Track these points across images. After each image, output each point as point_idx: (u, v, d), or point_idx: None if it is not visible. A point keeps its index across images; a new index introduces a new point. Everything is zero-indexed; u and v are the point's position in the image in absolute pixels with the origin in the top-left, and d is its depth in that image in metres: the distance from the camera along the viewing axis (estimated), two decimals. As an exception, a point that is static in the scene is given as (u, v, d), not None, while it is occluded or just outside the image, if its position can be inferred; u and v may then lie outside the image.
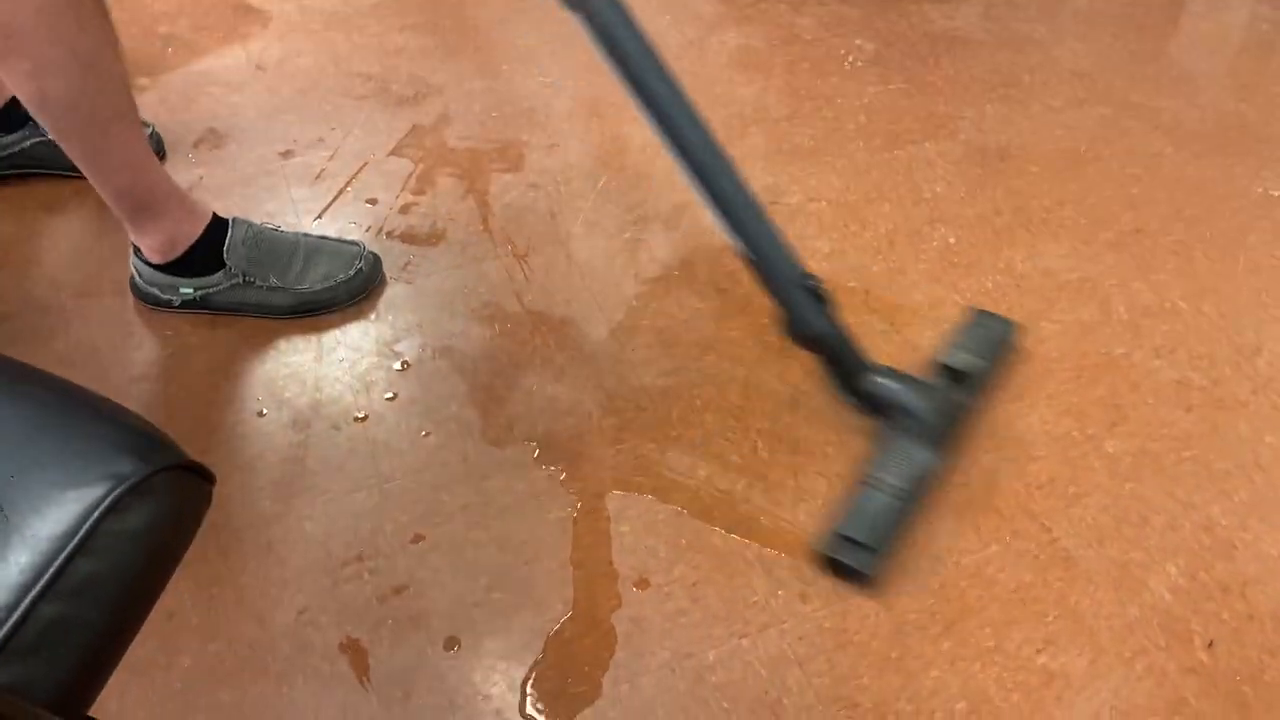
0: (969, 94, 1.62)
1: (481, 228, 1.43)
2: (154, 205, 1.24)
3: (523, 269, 1.37)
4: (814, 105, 1.61)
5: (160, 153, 1.54)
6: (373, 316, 1.31)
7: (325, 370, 1.25)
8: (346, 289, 1.31)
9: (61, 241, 1.40)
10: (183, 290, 1.29)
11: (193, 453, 1.18)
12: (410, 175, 1.51)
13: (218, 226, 1.28)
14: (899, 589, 1.03)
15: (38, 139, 1.44)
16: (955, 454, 1.14)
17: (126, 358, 1.27)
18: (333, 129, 1.59)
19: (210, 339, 1.29)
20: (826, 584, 1.04)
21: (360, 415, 1.20)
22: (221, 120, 1.60)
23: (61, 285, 1.35)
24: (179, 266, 1.28)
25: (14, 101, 1.42)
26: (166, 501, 0.55)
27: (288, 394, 1.22)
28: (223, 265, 1.28)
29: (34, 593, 0.49)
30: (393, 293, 1.34)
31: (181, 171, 1.52)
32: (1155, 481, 1.12)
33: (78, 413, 0.57)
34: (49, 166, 1.47)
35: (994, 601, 1.03)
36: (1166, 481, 1.12)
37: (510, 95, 1.64)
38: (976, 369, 1.19)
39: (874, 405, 1.14)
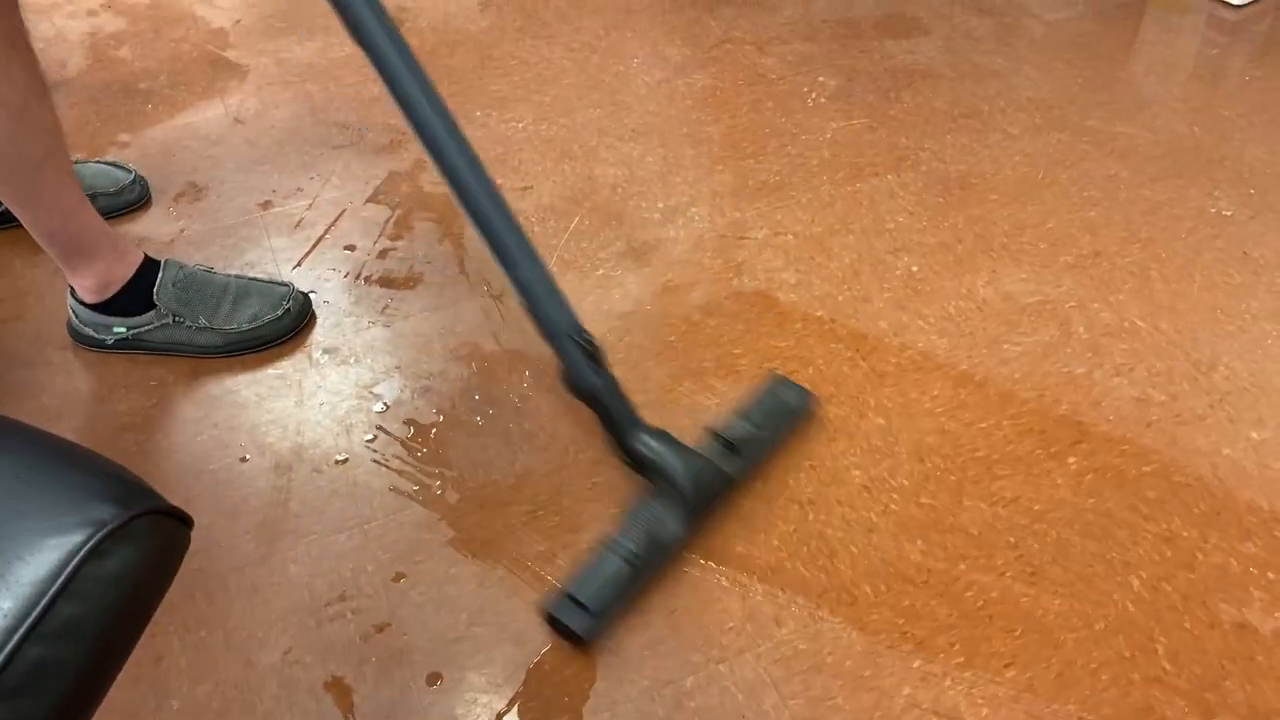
0: (930, 125, 1.67)
1: (458, 270, 1.46)
2: (86, 247, 1.28)
3: (499, 309, 1.40)
4: (779, 142, 1.65)
5: (146, 198, 1.58)
6: (352, 360, 1.34)
7: (306, 414, 1.28)
8: (274, 328, 1.35)
9: (45, 296, 1.43)
10: (115, 329, 1.33)
11: (178, 499, 1.21)
12: (387, 221, 1.54)
13: (149, 268, 1.33)
14: (869, 609, 1.06)
15: None
16: (705, 527, 1.12)
17: (112, 409, 1.29)
18: (311, 178, 1.62)
19: (193, 388, 1.31)
20: (800, 608, 1.06)
21: (341, 458, 1.23)
22: (201, 173, 1.64)
23: (46, 340, 1.38)
24: (112, 306, 1.32)
25: None
26: (146, 545, 0.58)
27: (270, 439, 1.25)
28: (154, 305, 1.32)
29: (18, 636, 0.52)
30: (371, 336, 1.37)
31: (162, 224, 1.55)
32: (1117, 496, 1.15)
33: (58, 462, 0.60)
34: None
35: (963, 619, 1.05)
36: (1128, 496, 1.15)
37: (484, 140, 1.68)
38: (752, 440, 1.17)
39: (639, 465, 1.12)
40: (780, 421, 1.21)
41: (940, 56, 1.82)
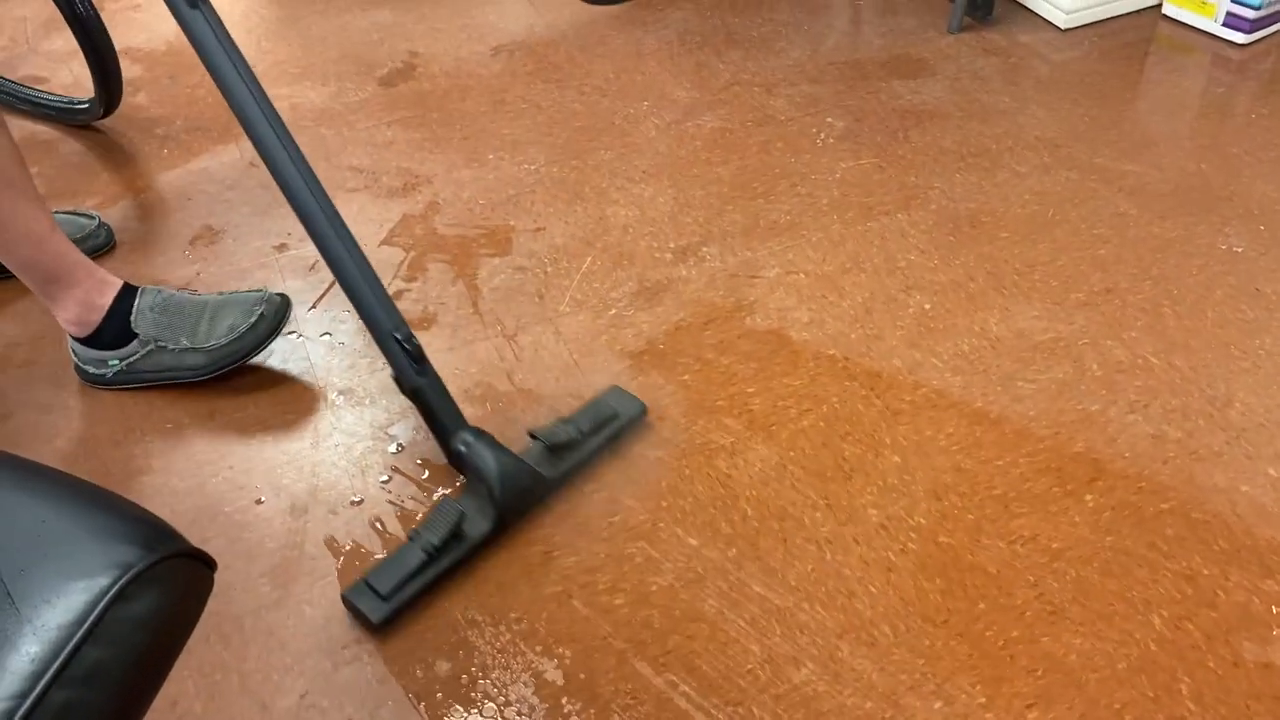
0: (938, 165, 1.68)
1: (471, 310, 1.47)
2: (62, 276, 1.28)
3: (512, 348, 1.41)
4: (789, 182, 1.66)
5: (111, 243, 1.58)
6: (367, 401, 1.34)
7: (322, 456, 1.28)
8: (252, 336, 1.34)
9: (62, 341, 1.44)
10: (110, 363, 1.33)
11: (194, 542, 1.21)
12: (401, 263, 1.55)
13: (127, 294, 1.32)
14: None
15: None
16: (515, 525, 1.17)
17: (127, 452, 1.29)
18: (325, 221, 1.63)
19: (208, 431, 1.32)
20: (818, 649, 1.05)
21: (356, 499, 1.23)
22: (217, 216, 1.66)
23: (61, 384, 1.39)
24: (101, 340, 1.32)
25: None
26: (171, 588, 0.58)
27: (285, 481, 1.25)
28: (134, 335, 1.32)
29: (45, 680, 0.52)
30: (386, 377, 1.38)
31: (179, 267, 1.56)
32: (1136, 534, 1.15)
33: (84, 506, 0.60)
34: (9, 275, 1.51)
35: (984, 659, 1.04)
36: (1147, 533, 1.15)
37: (496, 182, 1.70)
38: (573, 445, 1.21)
39: (458, 463, 1.17)
40: (605, 428, 1.24)
41: (947, 96, 1.84)
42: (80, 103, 1.82)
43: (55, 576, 0.55)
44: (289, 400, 1.35)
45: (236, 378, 1.38)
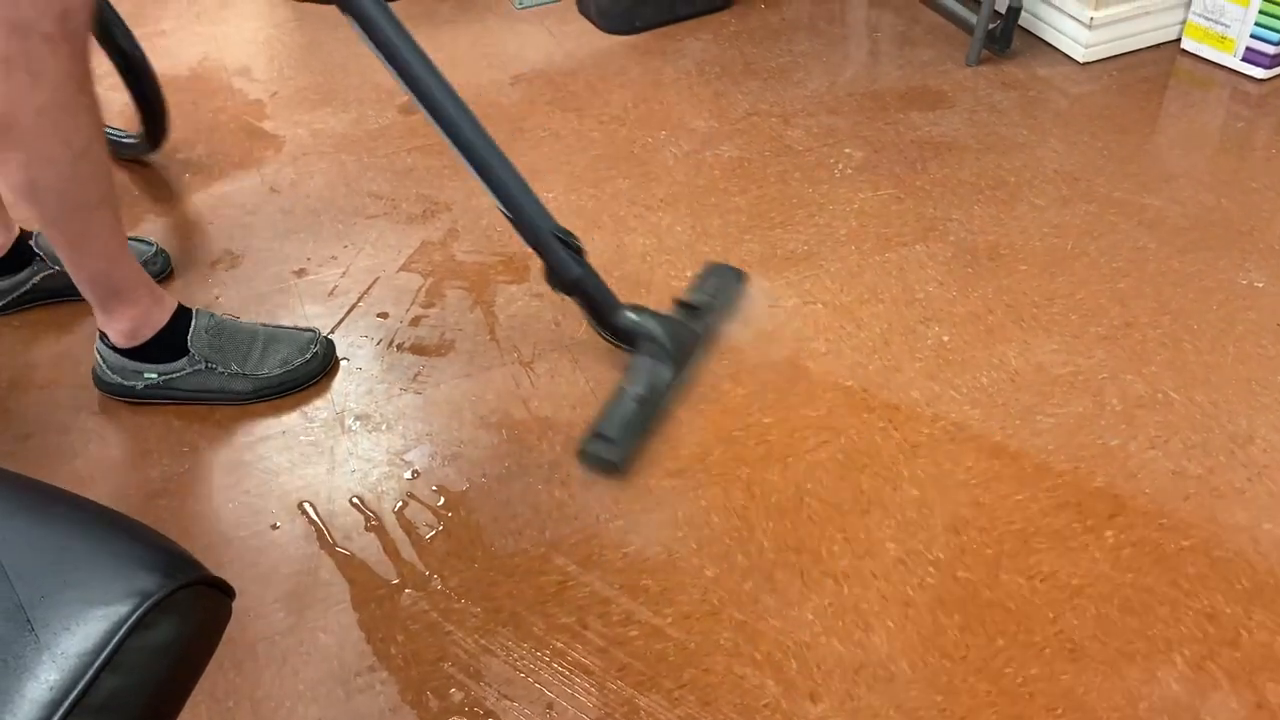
0: (956, 196, 1.68)
1: (488, 337, 1.47)
2: (125, 291, 1.30)
3: (529, 376, 1.41)
4: (806, 212, 1.66)
5: (168, 270, 1.60)
6: (384, 427, 1.35)
7: (338, 481, 1.28)
8: (304, 371, 1.39)
9: (82, 362, 1.45)
10: (146, 375, 1.35)
11: (209, 567, 1.21)
12: (420, 289, 1.56)
13: (183, 315, 1.35)
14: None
15: (46, 273, 1.50)
16: (691, 371, 1.34)
17: (144, 475, 1.30)
18: (345, 247, 1.64)
19: (225, 454, 1.32)
20: (836, 684, 1.04)
21: (372, 525, 1.23)
22: (237, 241, 1.67)
23: (80, 405, 1.39)
24: (143, 352, 1.33)
25: (17, 242, 1.48)
26: (190, 616, 0.58)
27: (301, 506, 1.25)
28: (185, 352, 1.34)
29: (63, 709, 0.52)
30: (403, 403, 1.38)
31: (198, 291, 1.57)
32: (1157, 571, 1.13)
33: (103, 532, 0.60)
34: (60, 296, 1.52)
35: (1002, 696, 1.03)
36: (1168, 571, 1.13)
37: (514, 209, 1.70)
38: (709, 304, 1.40)
39: (626, 337, 1.32)
40: (725, 290, 1.44)
41: (965, 129, 1.84)
42: (128, 136, 1.82)
43: (75, 604, 0.55)
44: (306, 425, 1.36)
45: (254, 401, 1.38)
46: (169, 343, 1.34)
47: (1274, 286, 1.49)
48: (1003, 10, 1.97)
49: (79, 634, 0.54)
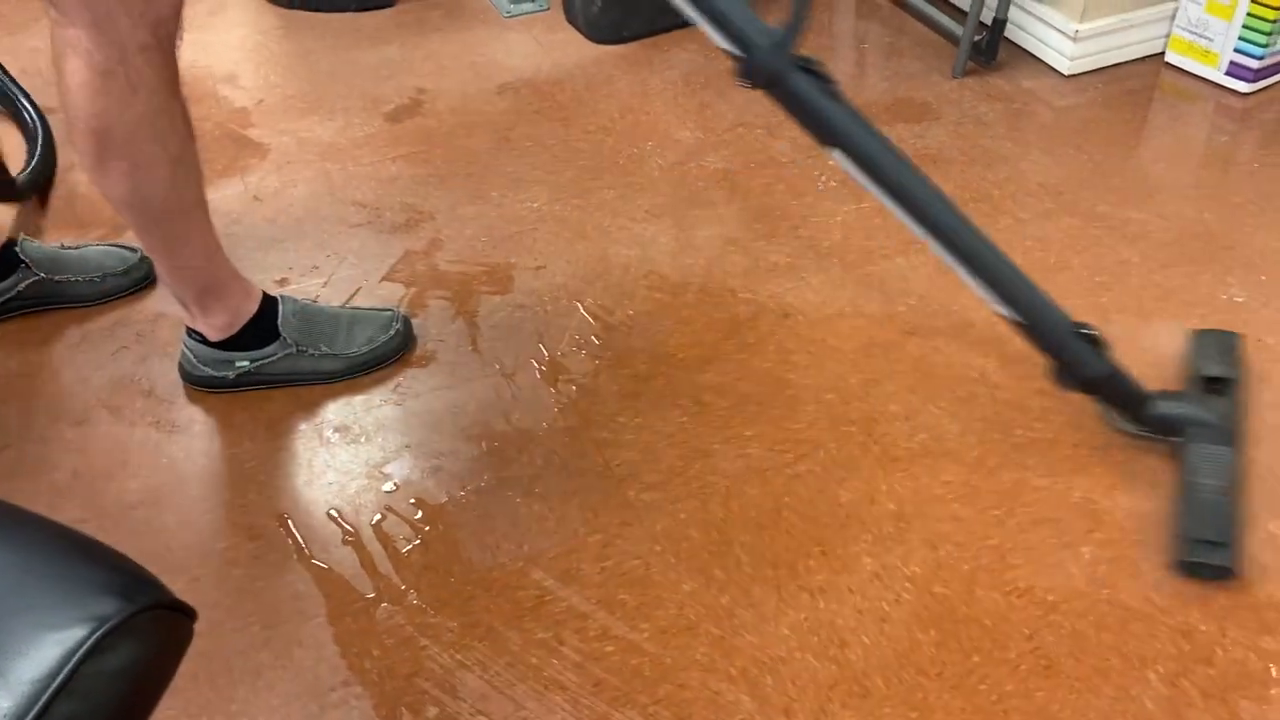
0: (940, 209, 1.68)
1: (470, 348, 1.47)
2: (220, 285, 1.34)
3: (510, 387, 1.41)
4: (790, 224, 1.66)
5: (153, 277, 1.59)
6: (363, 439, 1.34)
7: (316, 494, 1.28)
8: (389, 348, 1.44)
9: (61, 372, 1.45)
10: (238, 364, 1.38)
11: (184, 580, 1.20)
12: (402, 299, 1.56)
13: (269, 302, 1.39)
14: (882, 703, 1.04)
15: (31, 280, 1.49)
16: (1245, 447, 1.27)
17: (121, 486, 1.29)
18: (327, 256, 1.64)
19: (203, 466, 1.32)
20: (810, 700, 1.04)
21: (349, 538, 1.22)
22: (220, 250, 1.66)
23: (59, 415, 1.39)
24: (235, 342, 1.36)
25: (4, 249, 1.48)
26: (147, 641, 0.57)
27: (278, 518, 1.25)
28: (275, 337, 1.38)
29: (16, 735, 0.51)
30: (382, 414, 1.38)
31: (163, 298, 1.56)
32: (1132, 586, 1.14)
33: (62, 554, 0.60)
34: (46, 303, 1.52)
35: (977, 713, 1.03)
36: (1143, 586, 1.14)
37: (499, 220, 1.70)
38: (1230, 374, 1.33)
39: (1166, 426, 1.26)
40: (1233, 358, 1.37)
41: (950, 141, 1.84)
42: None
43: (30, 628, 0.55)
44: (284, 437, 1.35)
45: (235, 413, 1.38)
46: (260, 330, 1.37)
47: (1255, 301, 1.49)
48: (988, 22, 1.98)
49: (33, 659, 0.53)
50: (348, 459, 1.32)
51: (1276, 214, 1.65)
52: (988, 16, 1.97)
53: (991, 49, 2.00)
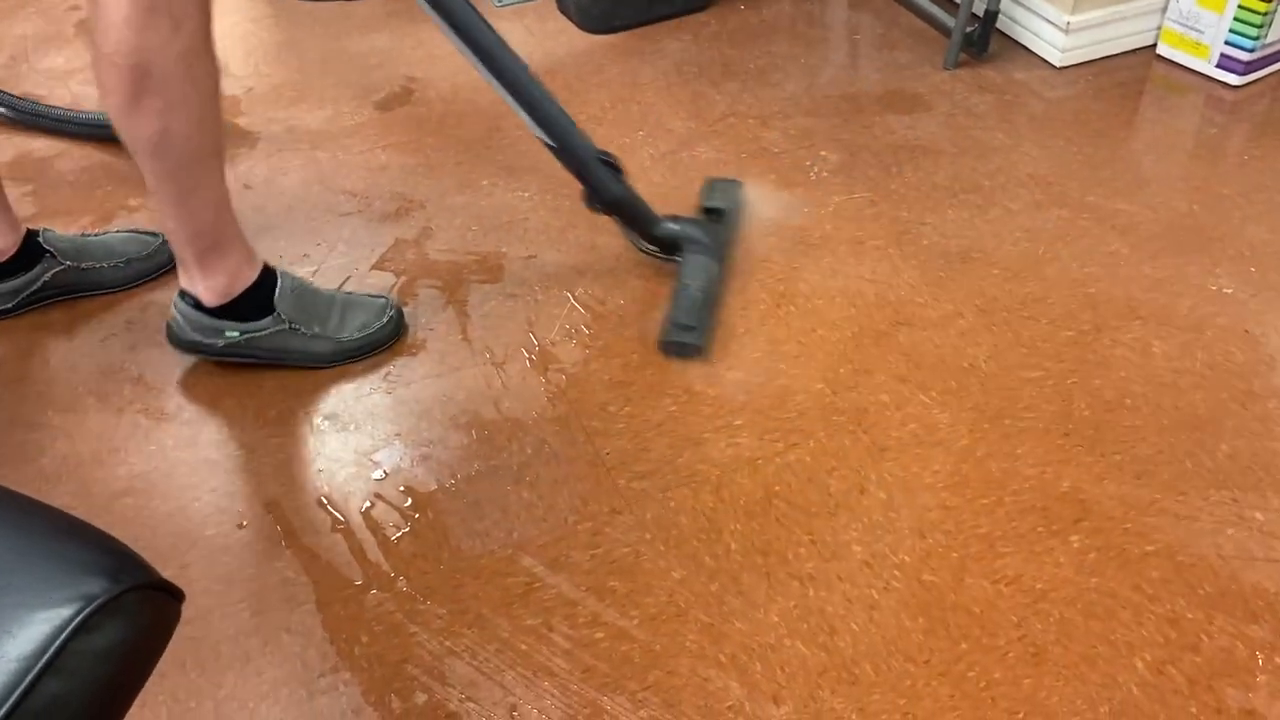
0: (930, 200, 1.69)
1: (460, 337, 1.47)
2: (224, 245, 1.32)
3: (500, 376, 1.41)
4: (781, 214, 1.66)
5: (174, 262, 1.59)
6: (352, 427, 1.34)
7: (305, 481, 1.27)
8: (382, 335, 1.44)
9: (50, 358, 1.44)
10: (228, 333, 1.36)
11: (173, 566, 1.20)
12: (392, 287, 1.55)
13: (268, 274, 1.37)
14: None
15: (58, 268, 1.49)
16: (730, 264, 1.54)
17: (110, 473, 1.29)
18: (318, 244, 1.64)
19: (192, 454, 1.31)
20: (799, 686, 1.05)
21: (339, 525, 1.22)
22: (209, 238, 1.65)
23: (48, 401, 1.38)
24: (229, 310, 1.34)
25: (26, 240, 1.47)
26: (135, 620, 0.57)
27: (268, 505, 1.24)
28: (269, 311, 1.36)
29: (2, 713, 0.51)
30: (372, 402, 1.37)
31: (171, 288, 1.55)
32: (1120, 576, 1.14)
33: (50, 534, 0.60)
34: (73, 292, 1.52)
35: (965, 699, 1.04)
36: (1131, 575, 1.14)
37: (490, 209, 1.70)
38: (726, 207, 1.62)
39: (670, 244, 1.52)
40: (734, 195, 1.67)
41: (941, 132, 1.85)
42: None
43: (17, 607, 0.54)
44: (273, 424, 1.35)
45: (225, 400, 1.38)
46: (255, 301, 1.36)
47: (1243, 293, 1.50)
48: (980, 14, 1.98)
49: (20, 637, 0.53)
50: (337, 446, 1.32)
51: (1265, 206, 1.66)
52: (980, 8, 1.98)
53: (983, 41, 2.00)
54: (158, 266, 1.58)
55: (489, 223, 1.67)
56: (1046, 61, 2.02)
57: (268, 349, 1.38)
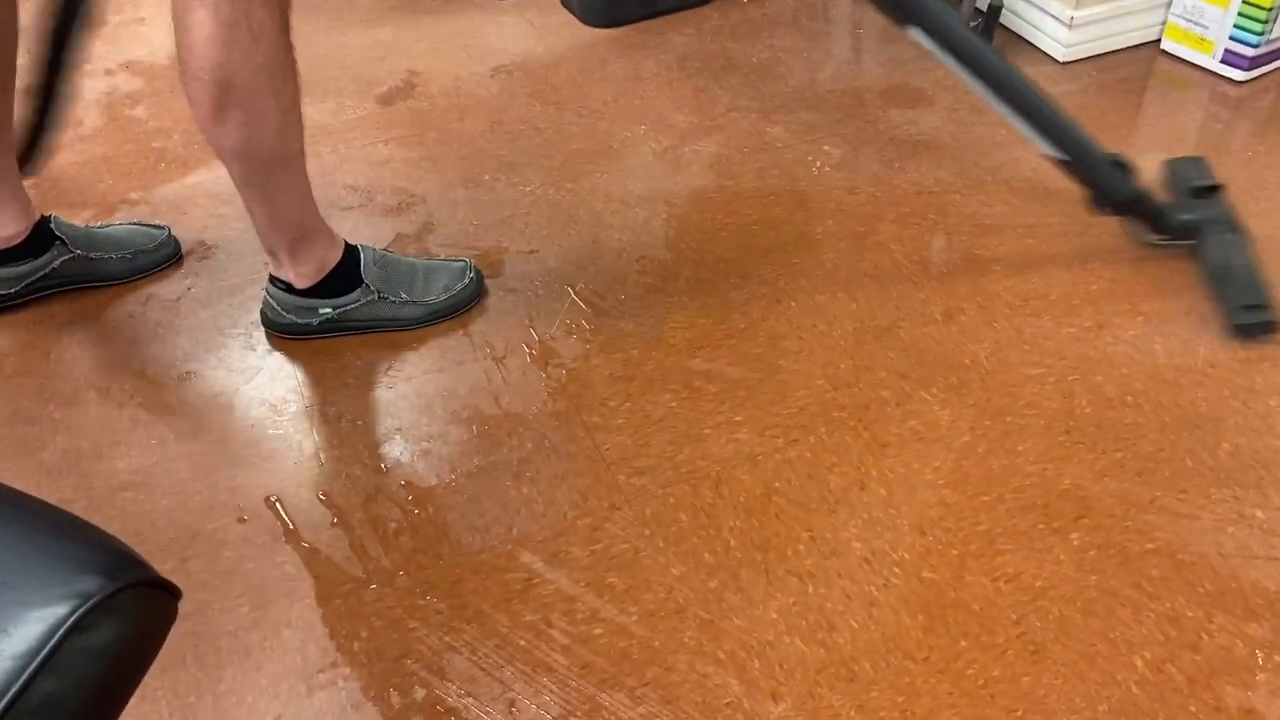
0: (933, 195, 1.68)
1: (461, 332, 1.47)
2: (310, 235, 1.38)
3: (500, 371, 1.41)
4: (784, 210, 1.66)
5: (180, 254, 1.61)
6: (353, 422, 1.34)
7: (305, 476, 1.27)
8: (465, 295, 1.49)
9: (51, 352, 1.44)
10: (321, 310, 1.42)
11: (173, 561, 1.20)
12: (393, 282, 1.55)
13: (350, 250, 1.43)
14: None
15: (67, 256, 1.49)
16: (1248, 237, 1.53)
17: (110, 467, 1.29)
18: (318, 238, 1.63)
19: (193, 447, 1.31)
20: (798, 683, 1.05)
21: (339, 520, 1.22)
22: (210, 232, 1.66)
23: (49, 396, 1.38)
24: (319, 289, 1.41)
25: (38, 226, 1.47)
26: (131, 618, 0.57)
27: (268, 500, 1.24)
28: (358, 284, 1.42)
29: (-3, 711, 0.51)
30: (372, 397, 1.37)
31: (170, 282, 1.56)
32: (1120, 574, 1.14)
33: (46, 532, 0.60)
34: (79, 281, 1.52)
35: (964, 697, 1.03)
36: (1131, 573, 1.14)
37: (491, 203, 1.70)
38: (1215, 182, 1.59)
39: (1188, 230, 1.52)
40: (1209, 174, 1.63)
41: (944, 127, 1.84)
42: None
43: (12, 605, 0.54)
44: (274, 419, 1.35)
45: (225, 395, 1.38)
46: (342, 276, 1.41)
47: (1246, 289, 1.49)
48: (984, 9, 1.97)
49: (15, 636, 0.53)
50: (338, 441, 1.32)
51: (1270, 202, 1.65)
52: (983, 3, 1.97)
53: (987, 35, 1.99)
54: (165, 258, 1.58)
55: (490, 217, 1.67)
56: (1050, 57, 2.01)
57: (360, 319, 1.43)
